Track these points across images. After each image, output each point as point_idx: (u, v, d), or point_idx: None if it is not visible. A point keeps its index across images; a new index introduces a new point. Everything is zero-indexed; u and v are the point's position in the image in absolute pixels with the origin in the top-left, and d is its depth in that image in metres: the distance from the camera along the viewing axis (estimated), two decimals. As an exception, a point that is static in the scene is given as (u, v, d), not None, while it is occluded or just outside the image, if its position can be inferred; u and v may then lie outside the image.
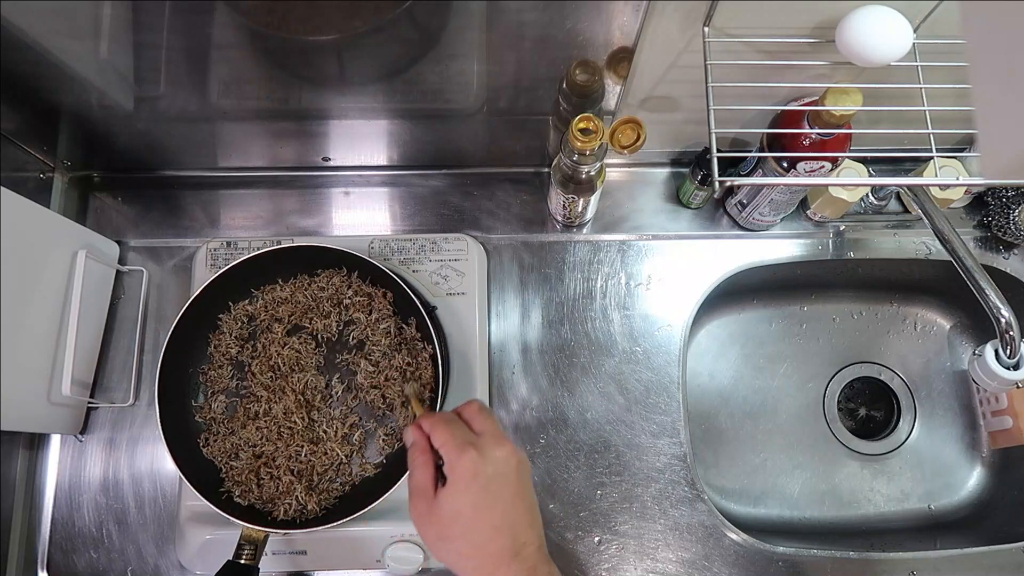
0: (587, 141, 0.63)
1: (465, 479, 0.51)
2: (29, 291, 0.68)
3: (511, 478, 0.52)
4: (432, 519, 0.52)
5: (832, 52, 0.59)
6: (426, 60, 0.65)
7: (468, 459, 0.51)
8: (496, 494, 0.51)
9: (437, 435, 0.53)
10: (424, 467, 0.53)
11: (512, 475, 0.52)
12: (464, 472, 0.51)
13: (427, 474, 0.53)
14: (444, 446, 0.52)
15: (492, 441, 0.53)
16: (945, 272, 0.76)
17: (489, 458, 0.51)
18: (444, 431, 0.53)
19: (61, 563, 0.75)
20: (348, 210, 0.86)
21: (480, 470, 0.51)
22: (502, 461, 0.52)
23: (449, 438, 0.52)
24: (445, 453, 0.52)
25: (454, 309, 0.79)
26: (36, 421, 0.71)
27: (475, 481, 0.51)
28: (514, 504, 0.52)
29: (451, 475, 0.51)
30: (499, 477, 0.51)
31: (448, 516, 0.51)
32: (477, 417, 0.55)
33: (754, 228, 0.85)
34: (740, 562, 0.76)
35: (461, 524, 0.51)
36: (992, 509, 0.89)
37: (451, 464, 0.51)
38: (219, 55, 0.64)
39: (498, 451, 0.52)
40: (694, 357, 0.93)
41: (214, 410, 0.73)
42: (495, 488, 0.51)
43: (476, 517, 0.51)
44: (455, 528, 0.51)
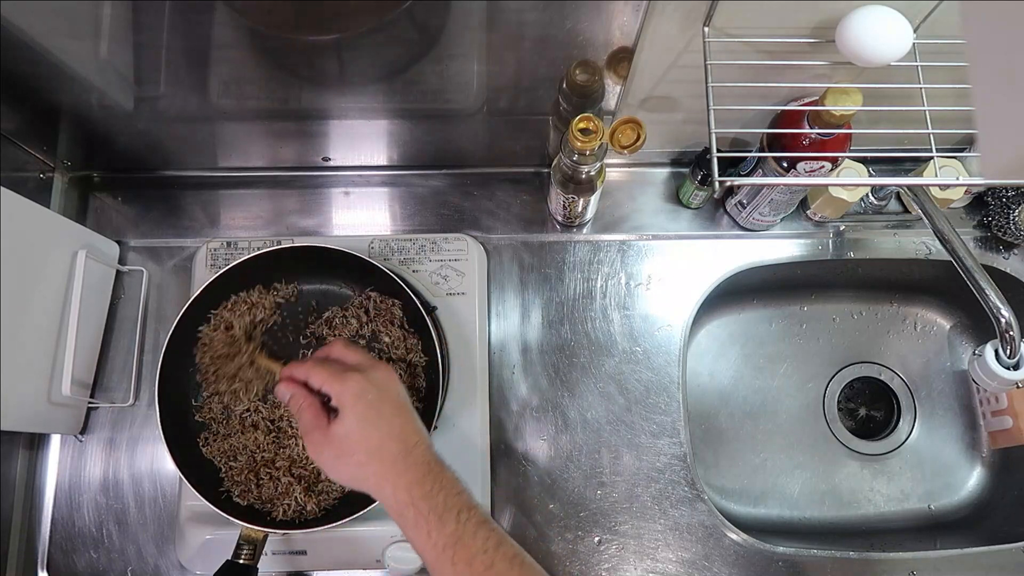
0: (587, 141, 0.63)
1: (352, 401, 0.56)
2: (29, 291, 0.68)
3: (392, 391, 0.58)
4: (328, 444, 0.56)
5: (832, 52, 0.59)
6: (426, 60, 0.65)
7: (352, 382, 0.56)
8: (380, 408, 0.56)
9: (316, 376, 0.57)
10: (311, 407, 0.57)
11: (393, 389, 0.58)
12: (350, 395, 0.56)
13: (316, 412, 0.57)
14: (326, 382, 0.57)
15: (369, 365, 0.59)
16: (945, 272, 0.76)
17: (371, 379, 0.57)
18: (322, 371, 0.57)
19: (61, 563, 0.75)
20: (348, 210, 0.86)
21: (365, 388, 0.56)
22: (382, 379, 0.58)
23: (328, 375, 0.57)
24: (329, 387, 0.57)
25: (454, 309, 0.79)
26: (36, 421, 0.71)
27: (361, 399, 0.56)
28: (398, 413, 0.57)
29: (339, 402, 0.56)
30: (382, 393, 0.57)
31: (342, 435, 0.55)
32: (347, 352, 0.60)
33: (754, 228, 0.85)
34: (740, 562, 0.76)
35: (354, 439, 0.55)
36: (992, 509, 0.89)
37: (337, 394, 0.56)
38: (219, 55, 0.64)
39: (377, 372, 0.58)
40: (694, 357, 0.93)
41: (213, 410, 0.73)
42: (379, 403, 0.56)
43: (367, 428, 0.55)
44: (350, 444, 0.55)
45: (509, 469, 0.78)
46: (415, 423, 0.58)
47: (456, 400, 0.76)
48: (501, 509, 0.77)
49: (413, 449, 0.55)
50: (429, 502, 0.53)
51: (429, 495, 0.53)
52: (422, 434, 0.57)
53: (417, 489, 0.53)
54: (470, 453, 0.75)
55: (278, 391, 0.60)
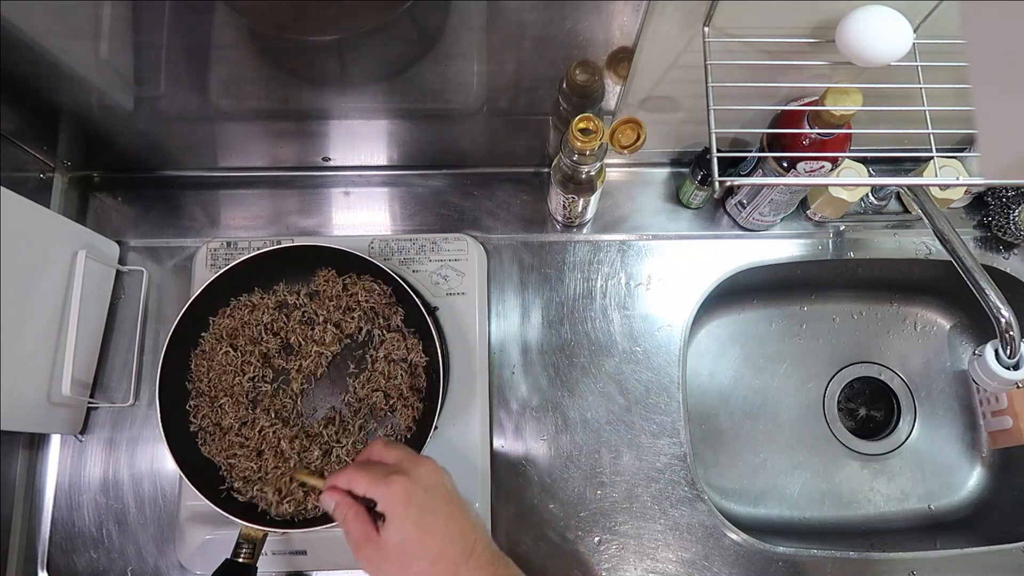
0: (587, 141, 0.63)
1: (403, 505, 0.53)
2: (29, 291, 0.68)
3: (442, 489, 0.55)
4: (385, 556, 0.53)
5: (832, 52, 0.59)
6: (426, 60, 0.65)
7: (399, 487, 0.53)
8: (434, 508, 0.54)
9: (358, 483, 0.55)
10: (357, 517, 0.54)
11: (441, 485, 0.55)
12: (399, 499, 0.53)
13: (363, 520, 0.54)
14: (370, 488, 0.54)
15: (412, 463, 0.56)
16: (945, 272, 0.76)
17: (416, 478, 0.54)
18: (363, 476, 0.55)
19: (61, 563, 0.75)
20: (348, 210, 0.86)
21: (413, 491, 0.53)
22: (428, 476, 0.55)
23: (371, 479, 0.54)
24: (373, 493, 0.54)
25: (454, 309, 0.79)
26: (36, 421, 0.71)
27: (412, 503, 0.53)
28: (451, 511, 0.55)
29: (387, 508, 0.53)
30: (431, 492, 0.54)
31: (398, 545, 0.53)
32: (386, 452, 0.57)
33: (754, 228, 0.85)
34: (740, 562, 0.76)
35: (411, 546, 0.53)
36: (992, 509, 0.89)
37: (384, 499, 0.53)
38: (219, 55, 0.64)
39: (422, 469, 0.55)
40: (694, 357, 0.93)
41: (208, 417, 0.73)
42: (432, 502, 0.54)
43: (423, 535, 0.53)
44: (408, 553, 0.53)
45: (509, 469, 0.78)
46: (471, 518, 0.55)
47: (456, 400, 0.76)
48: (501, 509, 0.77)
49: (475, 547, 0.54)
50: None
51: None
52: (480, 528, 0.55)
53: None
54: (470, 453, 0.75)
55: (323, 500, 0.57)
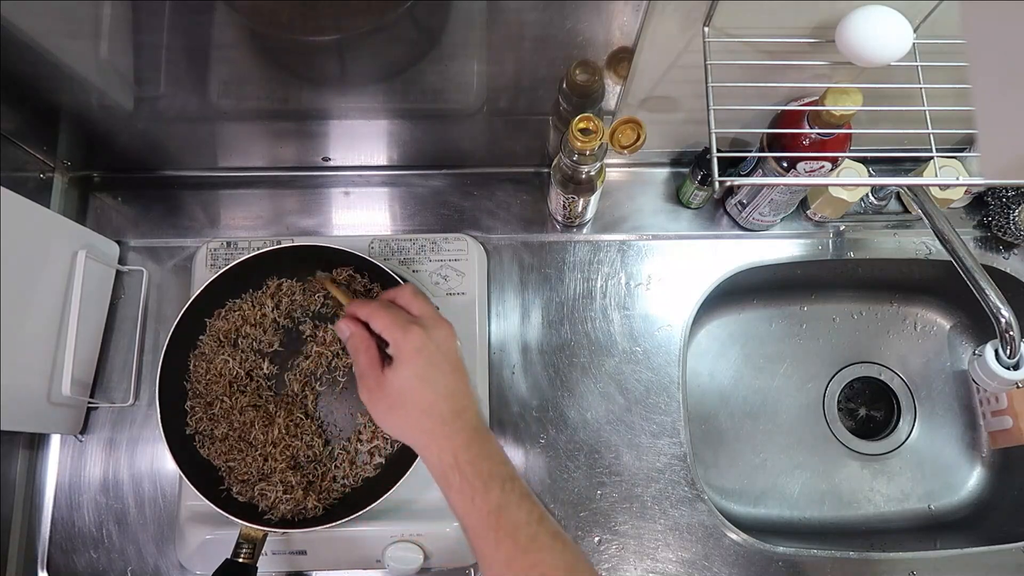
0: (587, 141, 0.63)
1: (411, 354, 0.55)
2: (29, 291, 0.68)
3: (451, 353, 0.58)
4: (382, 393, 0.56)
5: (832, 52, 0.59)
6: (426, 60, 0.65)
7: (414, 335, 0.56)
8: (439, 366, 0.56)
9: (378, 320, 0.57)
10: (368, 351, 0.57)
11: (452, 349, 0.58)
12: (410, 348, 0.55)
13: (373, 356, 0.57)
14: (388, 328, 0.56)
15: (432, 321, 0.58)
16: (945, 272, 0.76)
17: (432, 335, 0.56)
18: (384, 315, 0.57)
19: (61, 563, 0.75)
20: (348, 210, 0.86)
21: (424, 345, 0.56)
22: (443, 338, 0.57)
23: (391, 321, 0.56)
24: (389, 334, 0.56)
25: (454, 309, 0.79)
26: (36, 421, 0.71)
27: (420, 355, 0.55)
28: (454, 374, 0.57)
29: (398, 353, 0.56)
30: (441, 352, 0.56)
31: (397, 388, 0.56)
32: (414, 302, 0.59)
33: (754, 228, 0.85)
34: (740, 562, 0.76)
35: (409, 393, 0.55)
36: (992, 509, 0.89)
37: (397, 343, 0.56)
38: (219, 55, 0.64)
39: (439, 330, 0.57)
40: (694, 357, 0.93)
41: (204, 420, 0.73)
42: (438, 361, 0.56)
43: (423, 386, 0.55)
44: (404, 398, 0.55)
45: (509, 469, 0.78)
46: (467, 387, 0.58)
47: (456, 400, 0.76)
48: (501, 509, 0.77)
49: (463, 412, 0.56)
50: (475, 467, 0.53)
51: (475, 461, 0.53)
52: (472, 398, 0.57)
53: (464, 454, 0.53)
54: (470, 453, 0.75)
55: (339, 327, 0.60)
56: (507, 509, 0.52)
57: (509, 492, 0.52)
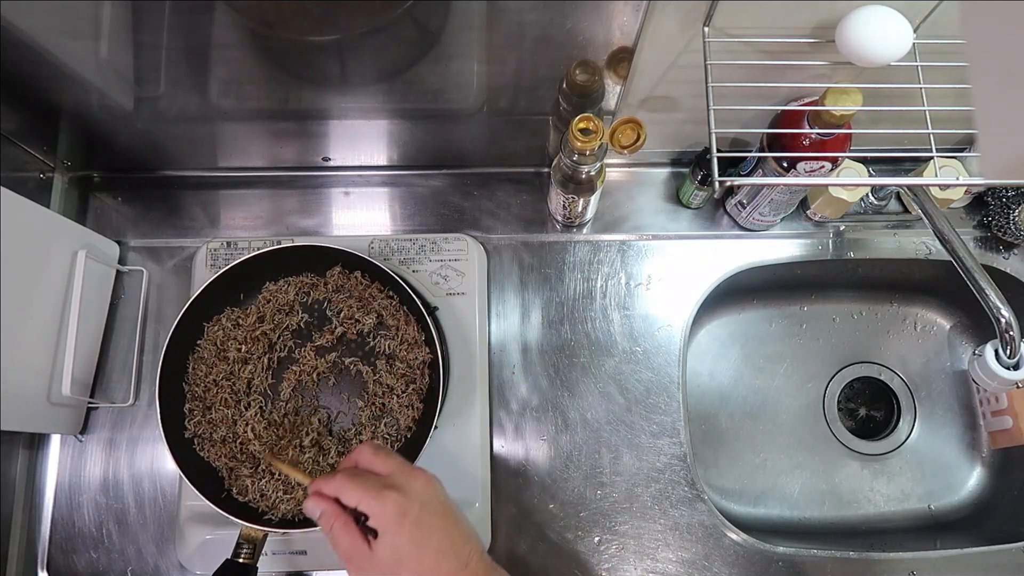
0: (587, 141, 0.63)
1: (397, 522, 0.51)
2: (29, 291, 0.68)
3: (436, 503, 0.54)
4: (377, 571, 0.52)
5: (832, 52, 0.59)
6: (426, 60, 0.65)
7: (391, 502, 0.52)
8: (428, 523, 0.52)
9: (348, 494, 0.53)
10: (346, 529, 0.53)
11: (435, 500, 0.54)
12: (392, 516, 0.52)
13: (353, 534, 0.53)
14: (362, 501, 0.52)
15: (405, 476, 0.54)
16: (945, 272, 0.76)
17: (410, 493, 0.53)
18: (354, 487, 0.53)
19: (61, 563, 0.75)
20: (348, 210, 0.86)
21: (407, 508, 0.52)
22: (422, 490, 0.53)
23: (362, 492, 0.52)
24: (365, 507, 0.52)
25: (454, 309, 0.79)
26: (36, 421, 0.71)
27: (405, 520, 0.52)
28: (446, 525, 0.53)
29: (380, 524, 0.52)
30: (426, 507, 0.53)
31: (392, 562, 0.52)
32: (375, 460, 0.55)
33: (754, 228, 0.85)
34: (740, 562, 0.76)
35: (407, 562, 0.52)
36: (992, 509, 0.89)
37: (377, 515, 0.52)
38: (219, 55, 0.64)
39: (415, 483, 0.54)
40: (694, 357, 0.93)
41: (202, 424, 0.73)
42: (425, 518, 0.52)
43: (419, 551, 0.52)
44: (402, 568, 0.52)
45: (509, 469, 0.78)
46: (466, 531, 0.55)
47: (456, 400, 0.76)
48: (501, 509, 0.77)
49: (469, 562, 0.53)
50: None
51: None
52: (473, 541, 0.55)
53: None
54: (470, 453, 0.75)
55: (306, 506, 0.55)
56: None
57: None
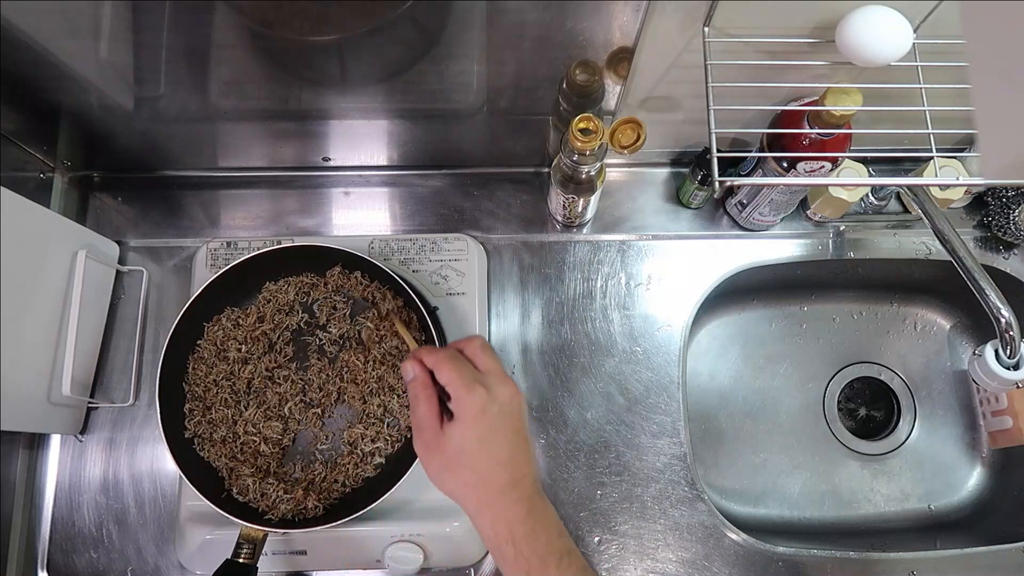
0: (587, 141, 0.63)
1: (473, 415, 0.53)
2: (29, 291, 0.68)
3: (514, 415, 0.55)
4: (438, 450, 0.54)
5: (832, 52, 0.59)
6: (426, 60, 0.65)
7: (477, 396, 0.53)
8: (500, 429, 0.54)
9: (444, 372, 0.54)
10: (429, 401, 0.55)
11: (515, 413, 0.55)
12: (472, 408, 0.53)
13: (433, 408, 0.54)
14: (452, 383, 0.54)
15: (497, 380, 0.55)
16: (945, 272, 0.76)
17: (495, 396, 0.54)
18: (451, 368, 0.54)
19: (61, 563, 0.75)
20: (348, 210, 0.86)
21: (487, 407, 0.53)
22: (507, 399, 0.54)
23: (456, 376, 0.54)
24: (453, 390, 0.54)
25: (454, 309, 0.79)
26: (36, 421, 0.71)
27: (482, 417, 0.53)
28: (515, 439, 0.54)
29: (459, 411, 0.53)
30: (504, 414, 0.54)
31: (454, 449, 0.53)
32: (481, 355, 0.57)
33: (754, 228, 0.85)
34: (740, 562, 0.76)
35: (467, 456, 0.53)
36: (992, 509, 0.89)
37: (459, 400, 0.53)
38: (219, 55, 0.64)
39: (504, 389, 0.54)
40: (694, 357, 0.93)
41: (202, 424, 0.73)
42: (500, 424, 0.53)
43: (481, 450, 0.53)
44: (461, 460, 0.53)
45: (509, 469, 0.78)
46: (528, 452, 0.55)
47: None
48: (501, 509, 0.77)
49: (521, 481, 0.54)
50: (531, 543, 0.51)
51: (531, 535, 0.52)
52: (532, 464, 0.55)
53: (519, 527, 0.52)
54: (470, 453, 0.75)
55: (404, 367, 0.57)
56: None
57: (566, 569, 0.51)
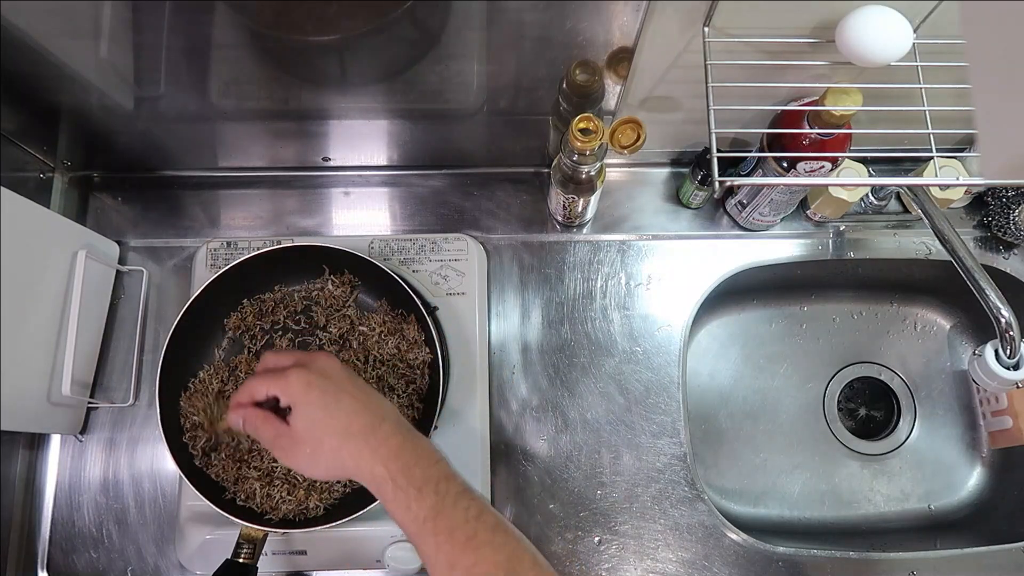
0: (587, 141, 0.63)
1: (303, 392, 0.54)
2: (29, 291, 0.68)
3: (339, 373, 0.56)
4: (297, 442, 0.54)
5: (832, 52, 0.59)
6: (426, 60, 0.65)
7: (295, 376, 0.54)
8: (334, 390, 0.55)
9: (257, 388, 0.56)
10: (267, 420, 0.55)
11: (339, 370, 0.56)
12: (299, 388, 0.54)
13: (273, 423, 0.55)
14: (271, 387, 0.55)
15: (306, 357, 0.57)
16: (945, 272, 0.76)
17: (313, 367, 0.55)
18: (260, 380, 0.56)
19: (61, 563, 0.75)
20: (348, 210, 0.86)
21: (311, 378, 0.54)
22: (324, 364, 0.56)
23: (270, 380, 0.55)
24: (273, 389, 0.55)
25: (454, 309, 0.79)
26: (36, 421, 0.71)
27: (311, 389, 0.54)
28: (355, 391, 0.55)
29: (290, 399, 0.54)
30: (329, 376, 0.55)
31: (307, 429, 0.54)
32: (278, 357, 0.58)
33: (754, 228, 0.85)
34: (740, 562, 0.76)
35: (320, 426, 0.54)
36: (992, 509, 0.89)
37: (284, 391, 0.54)
38: (219, 55, 0.64)
39: (318, 360, 0.56)
40: (694, 357, 0.93)
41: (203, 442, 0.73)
42: (330, 385, 0.55)
43: (329, 413, 0.54)
44: (317, 432, 0.54)
45: (509, 469, 0.78)
46: (375, 396, 0.56)
47: (456, 400, 0.76)
48: (502, 508, 0.77)
49: (382, 423, 0.54)
50: (407, 475, 0.52)
51: (406, 468, 0.52)
52: (385, 405, 0.56)
53: (394, 463, 0.52)
54: (470, 453, 0.75)
55: (230, 421, 0.57)
56: (443, 511, 0.51)
57: (444, 494, 0.51)
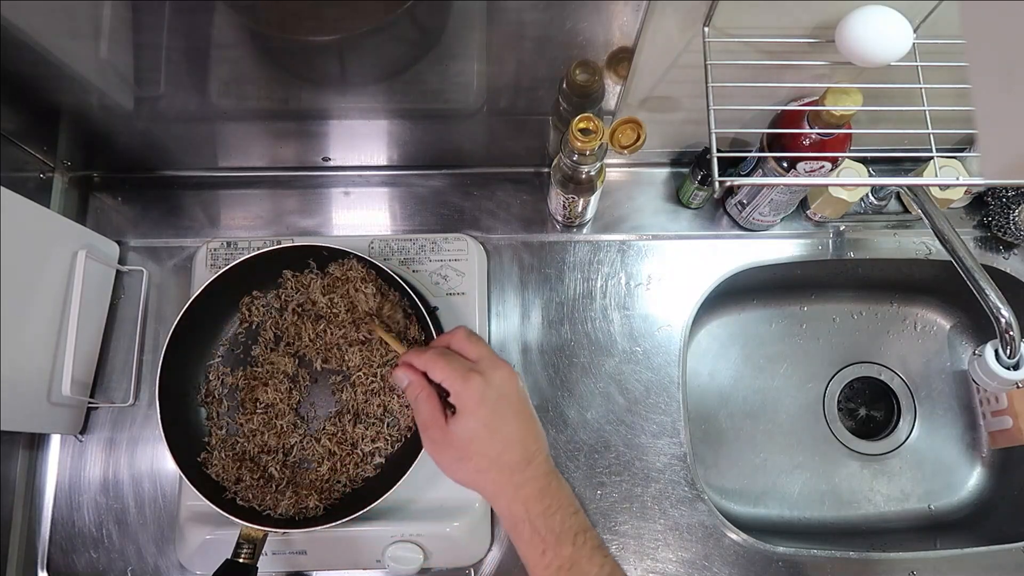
0: (587, 141, 0.63)
1: (474, 404, 0.55)
2: (29, 291, 0.68)
3: (513, 396, 0.56)
4: (448, 445, 0.55)
5: (832, 52, 0.59)
6: (426, 60, 0.65)
7: (474, 385, 0.55)
8: (503, 412, 0.55)
9: (436, 370, 0.56)
10: (429, 401, 0.57)
11: (514, 393, 0.57)
12: (472, 398, 0.55)
13: (435, 407, 0.56)
14: (446, 379, 0.56)
15: (490, 365, 0.57)
16: (945, 272, 0.76)
17: (492, 381, 0.56)
18: (443, 365, 0.56)
19: (61, 563, 0.75)
20: (348, 210, 0.86)
21: (486, 393, 0.55)
22: (504, 381, 0.56)
23: (449, 371, 0.56)
24: (449, 385, 0.56)
25: (454, 309, 0.79)
26: (36, 421, 0.71)
27: (484, 404, 0.55)
28: (519, 419, 0.56)
29: (460, 403, 0.55)
30: (503, 396, 0.56)
31: (464, 439, 0.55)
32: (468, 344, 0.58)
33: (754, 228, 0.85)
34: (740, 562, 0.76)
35: (477, 443, 0.55)
36: (992, 509, 0.89)
37: (458, 393, 0.55)
38: (219, 55, 0.64)
39: (498, 373, 0.56)
40: (694, 357, 0.93)
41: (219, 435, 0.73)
42: (502, 407, 0.55)
43: (490, 435, 0.55)
44: (471, 449, 0.55)
45: (509, 469, 0.78)
46: (535, 428, 0.57)
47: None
48: (501, 509, 0.77)
49: (533, 459, 0.55)
50: (546, 521, 0.52)
51: (547, 513, 0.53)
52: (541, 441, 0.57)
53: (535, 505, 0.53)
54: (470, 453, 0.75)
55: (396, 375, 0.59)
56: (578, 563, 0.51)
57: (581, 546, 0.52)
